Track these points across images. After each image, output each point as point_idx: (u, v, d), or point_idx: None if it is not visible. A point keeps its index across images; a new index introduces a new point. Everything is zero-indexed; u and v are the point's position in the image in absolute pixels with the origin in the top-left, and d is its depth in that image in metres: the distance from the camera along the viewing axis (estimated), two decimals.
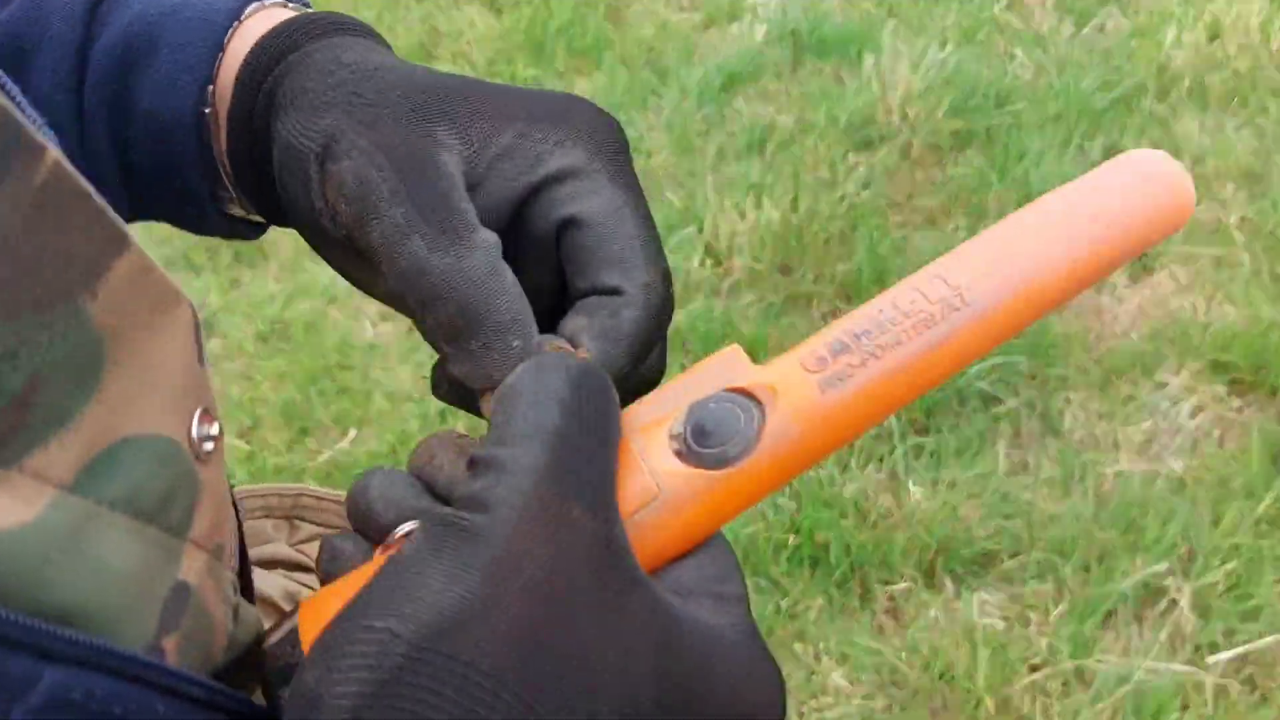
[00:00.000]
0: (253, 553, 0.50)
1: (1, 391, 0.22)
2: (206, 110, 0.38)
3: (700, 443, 0.29)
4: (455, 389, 0.34)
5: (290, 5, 0.40)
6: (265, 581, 0.50)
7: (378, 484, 0.31)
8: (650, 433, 0.30)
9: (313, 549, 0.54)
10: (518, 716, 0.23)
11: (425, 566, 0.25)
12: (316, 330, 1.90)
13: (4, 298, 0.22)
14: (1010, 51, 2.40)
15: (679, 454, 0.29)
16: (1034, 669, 1.42)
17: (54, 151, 0.23)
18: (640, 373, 0.34)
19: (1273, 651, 1.44)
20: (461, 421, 1.70)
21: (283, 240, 2.08)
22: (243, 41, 0.38)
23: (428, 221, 0.31)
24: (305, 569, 0.54)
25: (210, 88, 0.38)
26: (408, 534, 0.30)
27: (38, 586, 0.23)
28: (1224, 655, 1.43)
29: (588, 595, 0.25)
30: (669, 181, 2.10)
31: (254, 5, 0.39)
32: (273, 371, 1.85)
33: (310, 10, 0.39)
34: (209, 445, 0.29)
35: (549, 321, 0.34)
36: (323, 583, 0.31)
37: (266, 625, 0.33)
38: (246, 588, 0.35)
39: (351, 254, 0.34)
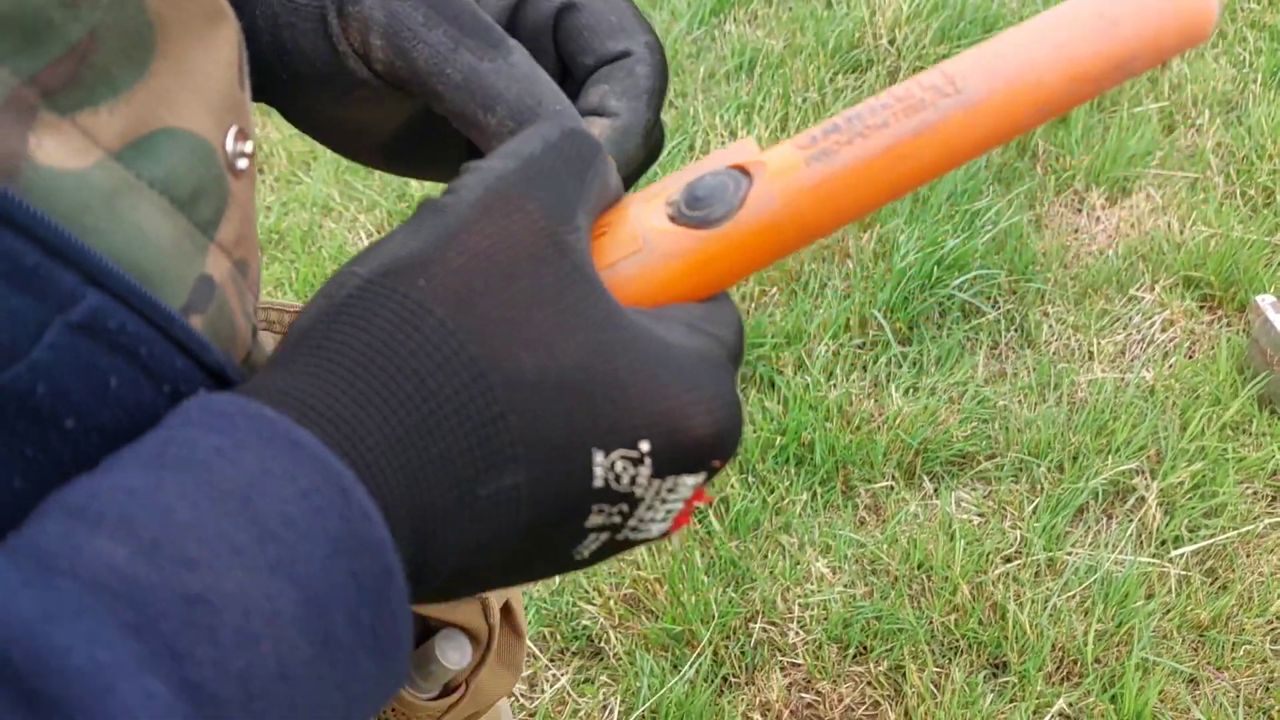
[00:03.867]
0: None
1: (62, 38, 0.25)
2: None
3: (690, 207, 0.31)
4: None
5: None
6: None
7: None
8: (651, 200, 0.33)
9: None
10: (440, 338, 0.27)
11: (398, 232, 0.29)
12: (313, 239, 1.92)
13: None
14: None
15: (671, 218, 0.32)
16: (1007, 560, 1.49)
17: None
18: (656, 131, 0.38)
19: (1234, 545, 1.51)
20: None
21: (277, 151, 2.10)
22: None
23: (469, 35, 0.35)
24: None
25: None
26: None
27: (80, 230, 0.25)
28: (1188, 548, 1.51)
29: (526, 269, 0.28)
30: None
31: None
32: (270, 279, 1.87)
33: None
34: (242, 163, 0.31)
35: None
36: None
37: None
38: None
39: (367, 93, 0.37)
